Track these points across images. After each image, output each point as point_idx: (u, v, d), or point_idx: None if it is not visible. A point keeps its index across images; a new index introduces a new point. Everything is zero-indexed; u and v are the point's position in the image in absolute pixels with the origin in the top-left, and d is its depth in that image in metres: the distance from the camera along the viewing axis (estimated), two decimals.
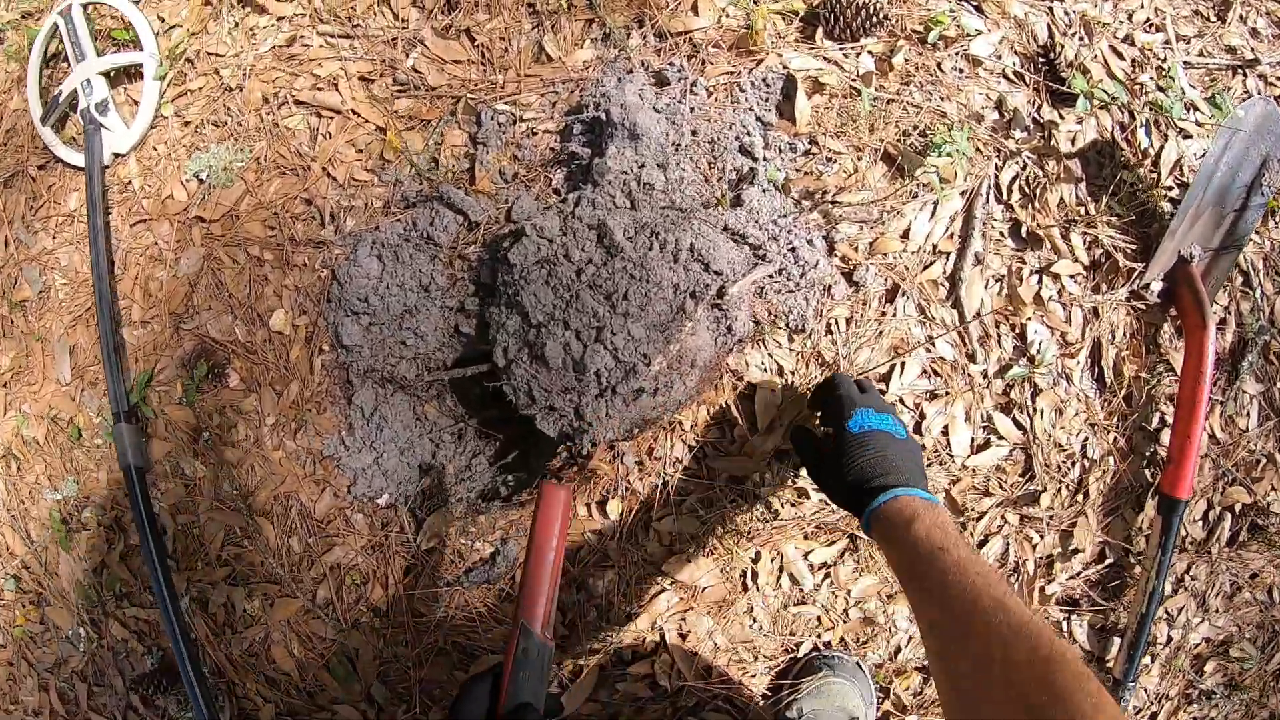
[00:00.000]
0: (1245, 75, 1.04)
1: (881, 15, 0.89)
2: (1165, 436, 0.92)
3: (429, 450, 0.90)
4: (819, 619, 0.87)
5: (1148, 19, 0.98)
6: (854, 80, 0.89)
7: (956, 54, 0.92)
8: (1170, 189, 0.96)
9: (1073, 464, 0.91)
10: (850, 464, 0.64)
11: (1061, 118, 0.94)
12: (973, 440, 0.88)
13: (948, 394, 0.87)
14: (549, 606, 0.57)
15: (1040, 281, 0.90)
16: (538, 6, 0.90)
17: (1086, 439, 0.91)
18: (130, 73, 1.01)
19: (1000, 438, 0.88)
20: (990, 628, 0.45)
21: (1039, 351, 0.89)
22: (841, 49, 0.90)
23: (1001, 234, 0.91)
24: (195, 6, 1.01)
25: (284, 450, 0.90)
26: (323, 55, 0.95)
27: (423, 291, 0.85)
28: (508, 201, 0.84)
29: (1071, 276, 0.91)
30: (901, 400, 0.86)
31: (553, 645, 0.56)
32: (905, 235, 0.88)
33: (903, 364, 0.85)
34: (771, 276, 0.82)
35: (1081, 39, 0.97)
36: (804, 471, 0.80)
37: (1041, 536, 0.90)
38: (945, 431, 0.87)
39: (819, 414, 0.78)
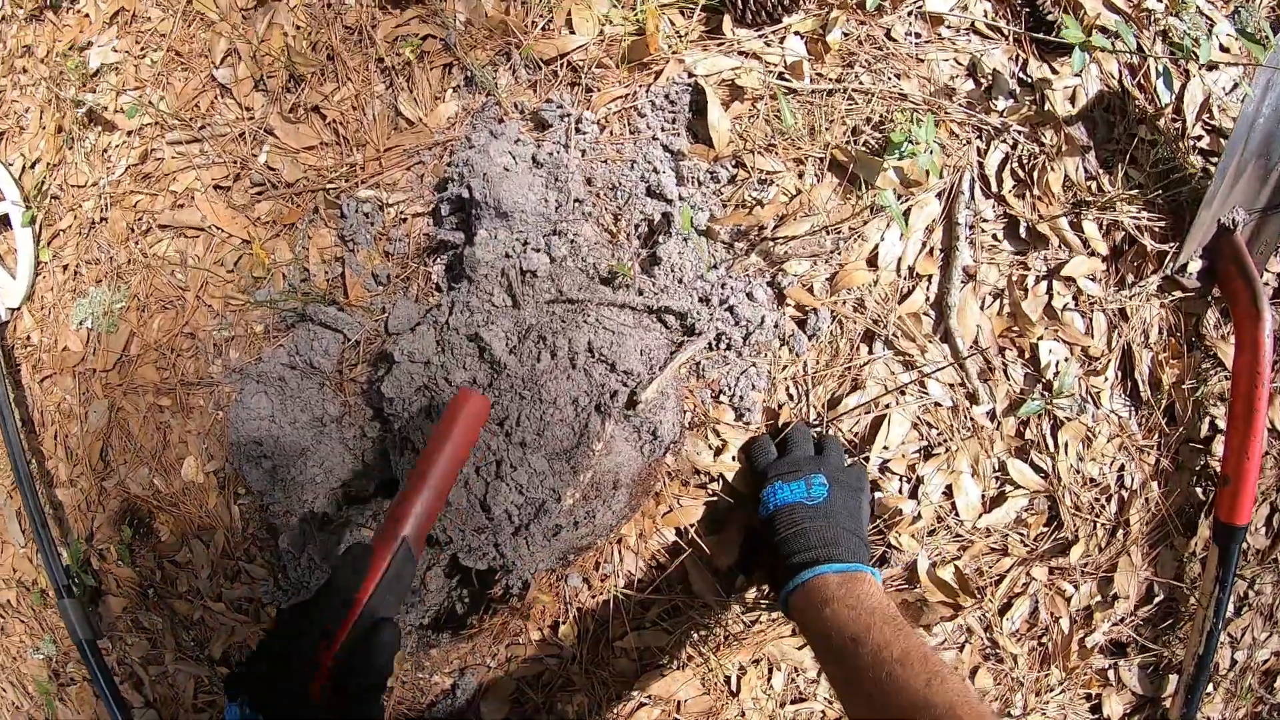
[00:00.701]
0: None
1: None
2: (1218, 445, 0.64)
3: None
4: (823, 713, 0.65)
5: None
6: (781, 74, 0.60)
7: (909, 15, 0.61)
8: (1199, 139, 0.63)
9: (1108, 499, 0.64)
10: (765, 550, 0.52)
11: (1055, 71, 0.62)
12: (983, 496, 0.61)
13: (947, 448, 0.60)
14: (430, 523, 0.42)
15: (1050, 289, 0.61)
16: (387, 62, 0.63)
17: (1123, 467, 0.63)
18: (4, 219, 0.81)
19: (1017, 487, 0.61)
20: None
21: (1056, 376, 0.61)
22: (760, 35, 0.60)
23: (995, 237, 0.61)
24: (50, 136, 0.78)
25: (225, 600, 0.72)
26: (176, 167, 0.71)
27: (318, 425, 0.63)
28: (384, 311, 0.60)
29: (1089, 276, 0.61)
30: (887, 466, 0.60)
31: (419, 560, 0.42)
32: (872, 262, 0.59)
33: (886, 422, 0.59)
34: (708, 348, 0.57)
35: None
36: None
37: (1076, 588, 0.64)
38: (948, 493, 0.61)
39: None
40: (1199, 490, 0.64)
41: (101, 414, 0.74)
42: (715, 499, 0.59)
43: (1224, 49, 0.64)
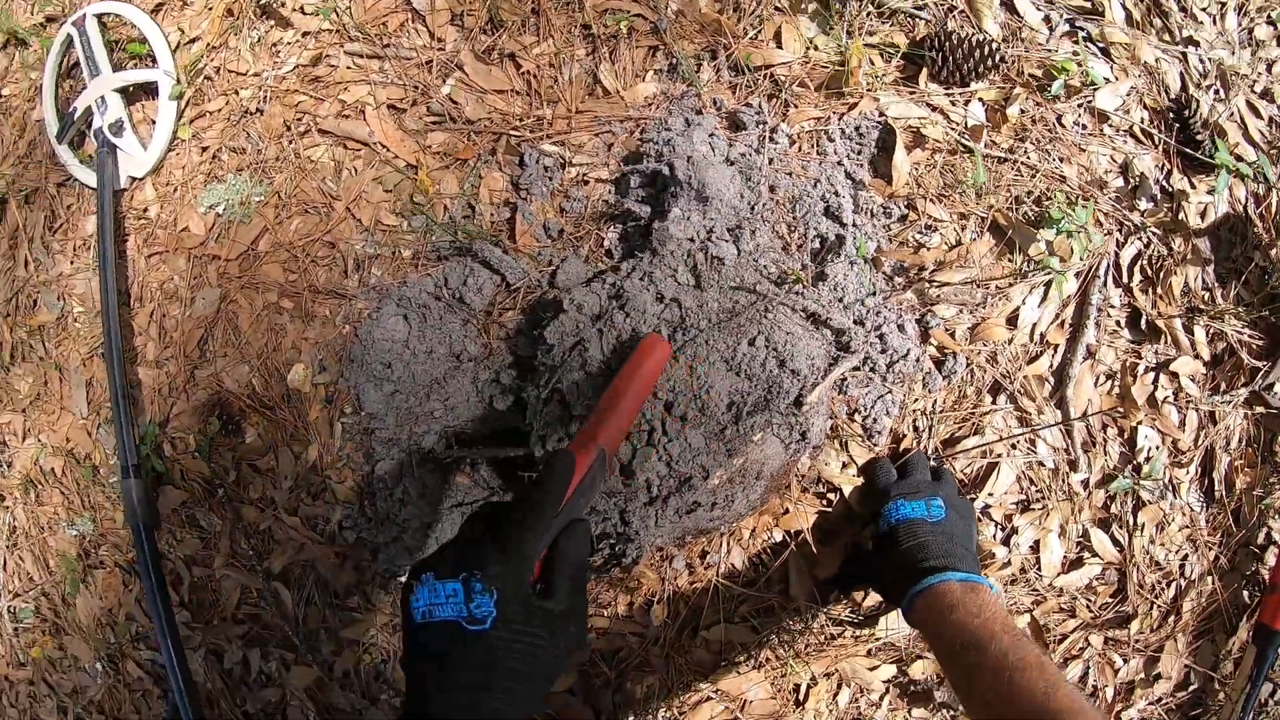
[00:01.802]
0: None
1: (998, 58, 0.63)
2: (1270, 556, 0.70)
3: (458, 525, 0.70)
4: None
5: None
6: (962, 133, 0.64)
7: (1079, 107, 0.66)
8: None
9: (1169, 584, 0.68)
10: (885, 561, 0.54)
11: (1193, 186, 0.68)
12: (1064, 558, 0.65)
13: (1043, 506, 0.64)
14: (620, 439, 0.47)
15: (1156, 381, 0.66)
16: (594, 30, 0.65)
17: (1186, 557, 0.68)
18: (149, 89, 0.78)
19: (1094, 555, 0.65)
20: None
21: (1147, 460, 0.66)
22: (948, 94, 0.64)
23: (1118, 324, 0.66)
24: (216, 18, 0.77)
25: (301, 515, 0.70)
26: (350, 78, 0.71)
27: (453, 360, 0.63)
28: (551, 264, 0.61)
29: (1190, 376, 0.67)
30: (988, 511, 0.64)
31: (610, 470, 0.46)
32: (1011, 321, 0.63)
33: (996, 470, 0.63)
34: (855, 368, 0.59)
35: (1217, 92, 0.71)
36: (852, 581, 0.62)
37: (1126, 661, 0.68)
38: (1035, 547, 0.64)
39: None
40: (1245, 594, 0.70)
41: (211, 302, 0.72)
42: (830, 510, 0.61)
43: None
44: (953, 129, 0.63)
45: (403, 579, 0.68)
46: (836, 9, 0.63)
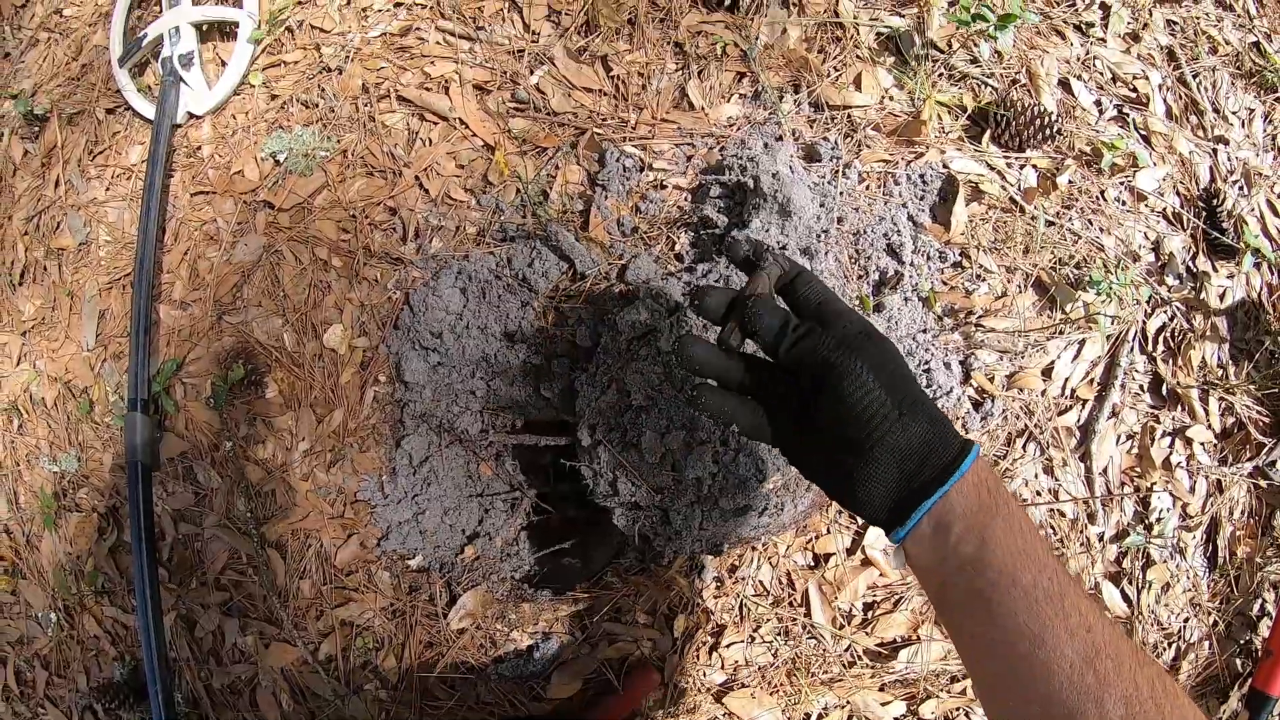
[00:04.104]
0: None
1: (1054, 129, 0.69)
2: (1264, 626, 0.74)
3: (476, 515, 0.69)
4: None
5: None
6: (1016, 194, 0.70)
7: (1121, 184, 0.73)
8: None
9: (1169, 645, 0.72)
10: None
11: (1215, 269, 0.75)
12: None
13: (1061, 555, 0.67)
14: None
15: (1172, 445, 0.71)
16: (686, 48, 0.70)
17: (1188, 620, 0.72)
18: (224, 30, 0.79)
19: (1105, 609, 0.69)
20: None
21: (1160, 520, 0.70)
22: (1006, 157, 0.70)
23: (1141, 388, 0.71)
24: None
25: (313, 482, 0.68)
26: (438, 53, 0.73)
27: (506, 340, 0.64)
28: (623, 258, 0.63)
29: (1202, 444, 0.72)
30: None
31: None
32: (1047, 374, 0.68)
33: None
34: None
35: (1242, 188, 0.79)
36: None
37: None
38: None
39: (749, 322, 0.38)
40: (1238, 661, 0.73)
41: (253, 250, 0.71)
42: (861, 535, 0.62)
43: None
44: (1008, 189, 0.69)
45: (412, 562, 0.66)
46: (913, 67, 0.69)
